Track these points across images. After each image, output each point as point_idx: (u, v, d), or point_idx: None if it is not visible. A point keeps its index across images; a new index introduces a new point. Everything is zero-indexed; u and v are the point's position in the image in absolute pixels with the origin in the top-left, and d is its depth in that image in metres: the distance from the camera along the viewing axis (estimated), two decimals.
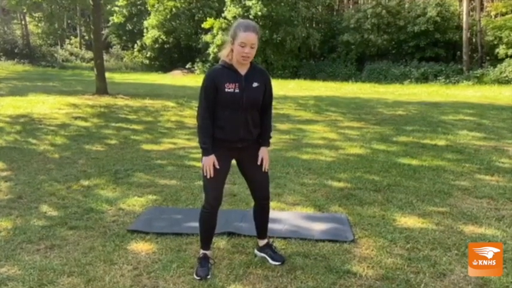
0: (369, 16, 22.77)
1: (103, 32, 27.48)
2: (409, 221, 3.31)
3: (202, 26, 26.02)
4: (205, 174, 2.44)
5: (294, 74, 24.28)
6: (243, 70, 2.41)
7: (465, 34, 21.13)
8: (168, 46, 28.86)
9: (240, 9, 23.48)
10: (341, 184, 4.28)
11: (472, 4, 22.33)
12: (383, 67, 22.47)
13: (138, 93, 12.66)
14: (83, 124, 7.81)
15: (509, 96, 13.68)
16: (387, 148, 6.04)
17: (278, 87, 16.84)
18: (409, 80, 20.59)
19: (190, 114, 9.26)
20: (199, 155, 2.48)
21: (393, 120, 8.64)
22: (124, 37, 33.20)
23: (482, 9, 22.57)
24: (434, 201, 3.78)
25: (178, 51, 29.73)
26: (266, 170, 2.58)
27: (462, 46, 21.41)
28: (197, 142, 2.61)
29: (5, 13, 30.13)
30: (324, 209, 3.60)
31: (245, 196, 3.71)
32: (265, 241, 2.71)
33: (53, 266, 2.57)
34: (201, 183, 2.53)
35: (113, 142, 6.44)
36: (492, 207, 3.65)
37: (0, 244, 2.88)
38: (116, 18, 27.62)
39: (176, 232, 3.03)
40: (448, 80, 19.86)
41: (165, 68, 28.37)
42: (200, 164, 2.49)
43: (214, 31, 25.00)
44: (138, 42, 30.16)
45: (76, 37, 35.57)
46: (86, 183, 4.26)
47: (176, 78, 23.66)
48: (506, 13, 20.37)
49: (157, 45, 28.71)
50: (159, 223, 3.20)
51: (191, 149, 5.85)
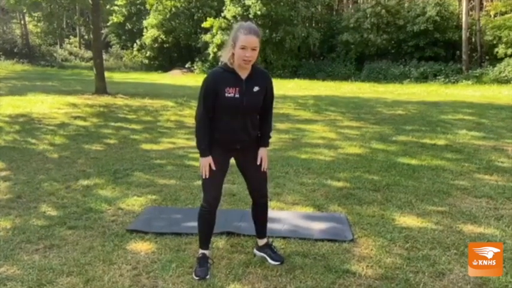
0: (369, 16, 22.78)
1: (102, 32, 27.45)
2: (408, 221, 3.31)
3: (201, 26, 26.03)
4: (201, 175, 2.44)
5: (294, 74, 24.29)
6: (244, 74, 2.38)
7: (464, 34, 21.14)
8: (168, 45, 28.88)
9: (240, 8, 23.48)
10: (340, 184, 4.28)
11: (472, 3, 22.34)
12: (382, 67, 22.48)
13: (138, 92, 12.66)
14: (82, 124, 7.81)
15: (508, 95, 13.69)
16: (386, 148, 6.04)
17: (277, 86, 16.80)
18: (409, 80, 20.60)
19: (189, 113, 9.26)
20: (198, 155, 2.48)
21: (392, 119, 8.65)
22: (123, 36, 33.21)
23: (481, 8, 22.57)
24: (433, 200, 3.79)
25: (177, 50, 29.75)
26: (265, 170, 2.58)
27: (461, 46, 21.42)
28: (195, 141, 2.61)
29: (4, 13, 30.10)
30: (323, 209, 3.60)
31: (244, 196, 3.71)
32: (264, 241, 2.71)
33: (52, 266, 2.56)
34: (200, 182, 2.53)
35: (112, 142, 6.43)
36: (491, 206, 3.65)
37: None
38: (115, 17, 27.63)
39: (175, 232, 3.03)
40: (448, 80, 19.87)
41: (165, 68, 28.38)
42: (198, 164, 2.49)
43: (213, 31, 25.01)
44: (138, 41, 30.17)
45: (75, 36, 35.55)
46: (85, 182, 4.26)
47: (175, 77, 23.65)
48: (505, 12, 20.37)
49: (156, 44, 28.72)
50: (158, 223, 3.20)
51: (190, 149, 5.84)
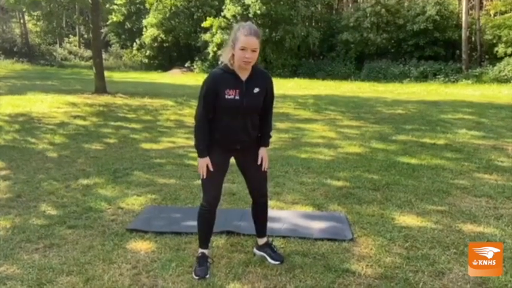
0: (368, 15, 22.77)
1: (102, 31, 27.44)
2: (408, 220, 3.31)
3: (201, 25, 26.01)
4: (199, 175, 2.45)
5: (293, 73, 24.28)
6: (244, 75, 2.37)
7: (464, 33, 21.13)
8: (167, 45, 28.86)
9: (239, 7, 23.47)
10: (340, 183, 4.29)
11: (471, 3, 22.33)
12: (382, 66, 22.48)
13: (137, 92, 12.65)
14: (82, 123, 7.80)
15: (508, 95, 13.70)
16: (386, 147, 6.04)
17: (277, 86, 16.76)
18: (408, 79, 20.60)
19: (189, 113, 9.26)
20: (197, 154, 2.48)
21: (392, 119, 8.65)
22: (123, 36, 33.18)
23: (481, 7, 22.56)
24: (433, 200, 3.79)
25: (177, 49, 29.72)
26: (265, 170, 2.58)
27: (461, 45, 21.42)
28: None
29: (4, 12, 30.06)
30: (323, 208, 3.60)
31: (244, 195, 3.71)
32: (264, 240, 2.71)
33: (52, 265, 2.57)
34: (200, 182, 2.53)
35: (112, 141, 6.43)
36: (491, 206, 3.65)
37: None
38: (115, 16, 27.64)
39: (175, 231, 3.03)
40: (447, 79, 19.87)
41: (164, 67, 28.36)
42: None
43: (213, 30, 25.00)
44: (137, 40, 30.15)
45: (75, 36, 35.53)
46: (85, 182, 4.26)
47: (175, 77, 23.64)
48: (505, 12, 20.38)
49: (156, 43, 28.70)
50: (158, 222, 3.20)
51: (190, 148, 5.84)
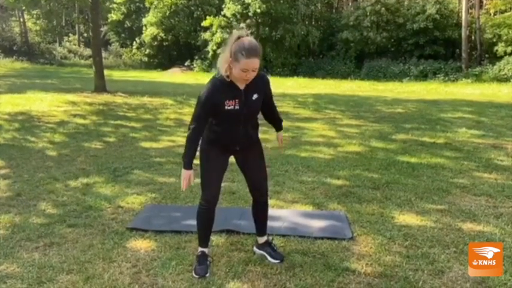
0: (368, 14, 22.76)
1: (102, 30, 27.41)
2: (408, 219, 3.31)
3: (201, 24, 25.99)
4: (181, 187, 2.42)
5: (293, 72, 24.28)
6: (243, 84, 2.34)
7: (464, 32, 21.14)
8: (167, 43, 28.85)
9: (239, 6, 23.45)
10: (340, 182, 4.29)
11: (471, 2, 22.32)
12: (382, 65, 22.49)
13: (137, 90, 12.65)
14: (82, 122, 7.80)
15: (507, 93, 13.71)
16: (386, 146, 6.04)
17: (277, 84, 16.82)
18: (408, 78, 20.61)
19: (189, 111, 9.25)
20: (197, 153, 2.47)
21: (392, 118, 8.65)
22: (123, 34, 33.16)
23: (481, 6, 22.56)
24: (432, 198, 3.79)
25: (177, 48, 29.71)
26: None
27: (461, 44, 21.42)
28: None
29: (3, 10, 30.02)
30: (323, 207, 3.60)
31: (244, 194, 3.71)
32: (264, 238, 2.71)
33: (52, 264, 2.57)
34: (199, 180, 2.53)
35: (112, 140, 6.43)
36: (490, 204, 3.65)
37: None
38: (115, 15, 27.61)
39: (175, 230, 3.03)
40: (447, 78, 19.88)
41: (164, 66, 28.35)
42: (197, 162, 2.49)
43: (213, 29, 24.99)
44: (137, 39, 30.13)
45: (74, 34, 35.49)
46: (85, 181, 4.26)
47: (175, 75, 23.62)
48: (505, 11, 20.39)
49: (156, 42, 28.69)
50: (158, 221, 3.20)
51: None
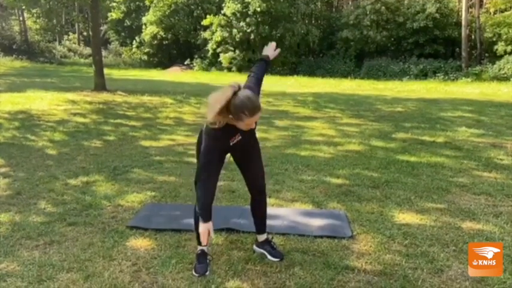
0: (368, 12, 22.73)
1: (101, 28, 27.38)
2: (407, 217, 3.32)
3: (201, 23, 25.96)
4: (201, 241, 2.43)
5: (293, 71, 24.27)
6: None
7: (464, 31, 21.12)
8: (167, 42, 28.80)
9: (239, 5, 23.43)
10: (339, 180, 4.29)
11: (471, 1, 22.31)
12: (382, 64, 22.47)
13: (137, 89, 12.63)
14: (82, 120, 7.80)
15: (507, 93, 13.71)
16: (386, 145, 6.04)
17: (277, 83, 16.82)
18: (408, 77, 20.59)
19: (189, 110, 9.26)
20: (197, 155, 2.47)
21: (392, 116, 8.65)
22: (122, 33, 33.09)
23: (481, 5, 22.53)
24: (432, 197, 3.80)
25: (177, 47, 29.66)
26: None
27: (461, 43, 21.41)
28: (195, 138, 2.62)
29: (3, 9, 29.98)
30: (323, 206, 3.61)
31: (244, 192, 3.71)
32: (264, 236, 2.71)
33: (52, 262, 2.57)
34: None
35: (112, 138, 6.43)
36: (490, 203, 3.66)
37: None
38: (114, 14, 27.49)
39: (175, 228, 3.04)
40: (447, 77, 19.87)
41: (164, 65, 28.31)
42: (196, 160, 2.49)
43: (213, 27, 24.97)
44: (137, 38, 30.08)
45: (74, 33, 35.44)
46: (85, 179, 4.26)
47: (175, 74, 23.60)
48: (505, 10, 20.36)
49: (156, 41, 28.64)
50: (158, 219, 3.21)
51: (190, 146, 5.84)
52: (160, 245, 2.80)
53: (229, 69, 24.99)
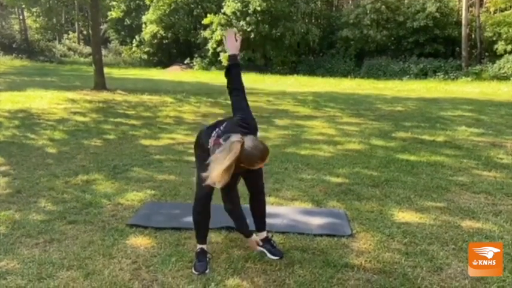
0: (368, 12, 22.72)
1: (101, 27, 27.36)
2: (407, 216, 3.32)
3: (201, 22, 25.94)
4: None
5: (293, 70, 24.26)
6: None
7: (464, 30, 21.11)
8: (167, 41, 28.77)
9: (239, 4, 23.40)
10: (339, 179, 4.30)
11: (471, 0, 22.30)
12: (382, 63, 22.46)
13: (137, 88, 12.64)
14: (82, 119, 7.80)
15: (507, 92, 13.71)
16: (386, 144, 6.05)
17: (277, 83, 16.84)
18: (408, 76, 20.59)
19: (189, 109, 9.27)
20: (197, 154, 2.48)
21: (392, 116, 8.65)
22: (122, 32, 33.06)
23: (481, 5, 22.52)
24: (432, 196, 3.80)
25: (176, 46, 29.64)
26: (238, 44, 2.53)
27: (461, 42, 21.40)
28: (195, 137, 2.62)
29: (3, 8, 29.95)
30: (322, 204, 3.61)
31: (243, 191, 3.69)
32: (264, 235, 2.72)
33: (52, 260, 2.58)
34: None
35: (112, 137, 6.43)
36: (489, 202, 3.66)
37: None
38: (114, 13, 27.50)
39: (175, 227, 3.04)
40: (447, 76, 19.87)
41: (164, 64, 28.29)
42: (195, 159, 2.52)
43: (213, 27, 24.94)
44: (137, 37, 30.05)
45: (74, 32, 35.42)
46: (85, 178, 4.26)
47: (174, 73, 23.60)
48: (505, 9, 20.35)
49: (155, 40, 28.60)
50: (158, 218, 3.21)
51: (190, 145, 5.83)
52: (160, 243, 2.81)
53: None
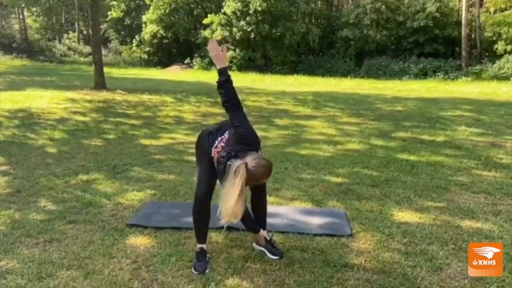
0: (368, 12, 22.72)
1: (101, 27, 27.33)
2: (407, 216, 3.33)
3: (201, 21, 25.93)
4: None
5: (293, 70, 24.25)
6: None
7: (464, 30, 21.11)
8: (167, 41, 28.75)
9: (240, 4, 23.40)
10: (339, 179, 4.30)
11: (471, 0, 22.29)
12: (382, 63, 22.46)
13: (137, 88, 12.64)
14: (82, 119, 7.80)
15: (507, 92, 13.72)
16: (385, 144, 6.05)
17: (277, 82, 16.84)
18: (408, 76, 20.59)
19: (189, 109, 9.27)
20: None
21: (392, 116, 8.66)
22: (122, 32, 33.04)
23: (481, 5, 22.51)
24: (431, 196, 3.80)
25: (176, 46, 29.62)
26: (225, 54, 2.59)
27: (461, 42, 21.40)
28: (195, 137, 2.62)
29: (3, 7, 29.94)
30: (322, 204, 3.61)
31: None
32: (264, 234, 2.72)
33: (52, 260, 2.58)
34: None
35: (112, 137, 6.43)
36: (489, 202, 3.67)
37: None
38: (114, 12, 27.47)
39: (175, 226, 3.04)
40: (447, 76, 19.87)
41: (164, 63, 28.28)
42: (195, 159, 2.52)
43: (213, 26, 24.94)
44: (137, 37, 30.03)
45: (74, 32, 35.41)
46: (85, 177, 4.26)
47: (174, 73, 23.59)
48: (505, 9, 20.34)
49: (155, 40, 28.58)
50: (158, 217, 3.21)
51: (190, 144, 5.84)
52: (160, 243, 2.81)
53: (229, 68, 24.93)
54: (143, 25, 28.98)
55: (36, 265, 2.51)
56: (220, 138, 2.42)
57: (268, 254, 2.64)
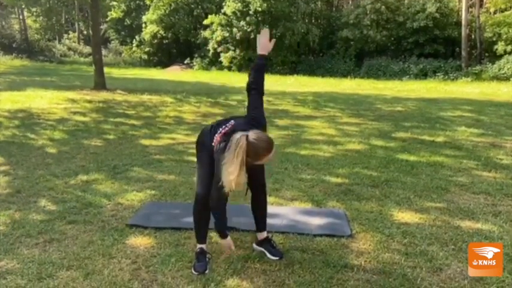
0: (368, 12, 22.72)
1: (101, 27, 27.34)
2: (407, 216, 3.33)
3: (201, 22, 25.95)
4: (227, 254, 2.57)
5: (293, 70, 24.25)
6: None
7: (464, 30, 21.11)
8: (167, 41, 28.78)
9: (240, 4, 23.41)
10: (339, 179, 4.30)
11: (471, 0, 22.30)
12: (382, 63, 22.46)
13: (137, 88, 12.64)
14: (82, 119, 7.80)
15: (507, 92, 13.72)
16: (385, 144, 6.05)
17: (277, 83, 16.82)
18: (408, 76, 20.59)
19: (189, 109, 9.27)
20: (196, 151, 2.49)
21: (392, 116, 8.66)
22: (122, 32, 33.07)
23: (481, 5, 22.52)
24: (431, 196, 3.80)
25: (176, 46, 29.65)
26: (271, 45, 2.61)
27: (461, 42, 21.39)
28: (195, 137, 2.62)
29: (3, 7, 29.94)
30: (322, 204, 3.61)
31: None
32: (264, 235, 2.72)
33: (52, 260, 2.58)
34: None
35: (112, 137, 6.43)
36: (489, 202, 3.67)
37: None
38: (114, 13, 27.47)
39: (174, 227, 3.05)
40: (447, 77, 19.86)
41: (164, 64, 28.30)
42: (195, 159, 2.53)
43: (213, 27, 24.95)
44: (137, 37, 30.06)
45: (74, 32, 35.42)
46: (85, 178, 4.26)
47: (175, 73, 23.60)
48: (505, 9, 20.35)
49: (156, 40, 28.61)
50: (158, 218, 3.21)
51: (190, 144, 5.84)
52: (159, 243, 2.81)
53: (229, 68, 24.99)
54: (143, 25, 29.01)
55: (36, 265, 2.51)
56: (224, 126, 2.42)
57: (268, 255, 2.64)
